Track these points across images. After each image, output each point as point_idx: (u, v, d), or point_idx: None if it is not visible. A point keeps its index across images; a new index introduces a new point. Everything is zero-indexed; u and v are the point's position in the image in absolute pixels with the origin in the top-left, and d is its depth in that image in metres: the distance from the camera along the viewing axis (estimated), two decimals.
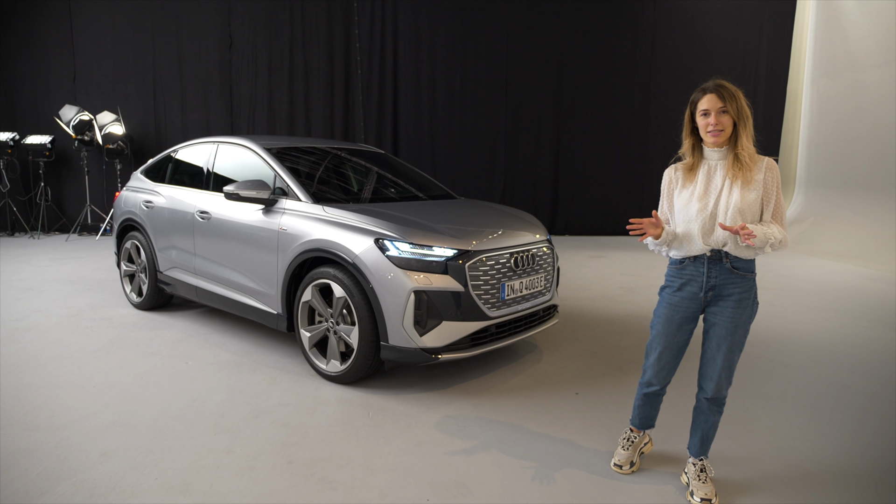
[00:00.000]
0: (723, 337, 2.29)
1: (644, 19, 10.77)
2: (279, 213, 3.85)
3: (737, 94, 2.17)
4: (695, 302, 2.32)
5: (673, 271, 2.38)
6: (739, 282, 2.25)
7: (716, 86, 2.20)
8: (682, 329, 2.37)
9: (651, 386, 2.50)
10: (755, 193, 2.19)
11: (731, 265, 2.24)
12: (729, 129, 2.19)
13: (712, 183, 2.25)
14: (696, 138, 2.30)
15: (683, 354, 2.44)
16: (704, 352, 2.39)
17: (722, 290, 2.26)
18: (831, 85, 10.65)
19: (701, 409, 2.46)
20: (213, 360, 3.95)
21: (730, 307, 2.26)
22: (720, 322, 2.29)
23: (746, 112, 2.18)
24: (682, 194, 2.31)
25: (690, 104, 2.28)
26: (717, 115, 2.17)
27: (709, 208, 2.22)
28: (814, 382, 3.79)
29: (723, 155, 2.25)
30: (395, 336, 3.26)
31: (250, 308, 4.09)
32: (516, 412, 3.22)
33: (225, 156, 4.56)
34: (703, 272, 2.27)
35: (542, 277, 3.83)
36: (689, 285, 2.32)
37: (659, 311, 2.41)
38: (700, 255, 2.27)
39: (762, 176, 2.20)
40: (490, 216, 4.09)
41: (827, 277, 7.44)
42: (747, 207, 2.18)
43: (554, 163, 11.02)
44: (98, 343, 4.28)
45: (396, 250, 3.29)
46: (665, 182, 2.41)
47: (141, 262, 5.11)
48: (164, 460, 2.64)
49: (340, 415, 3.14)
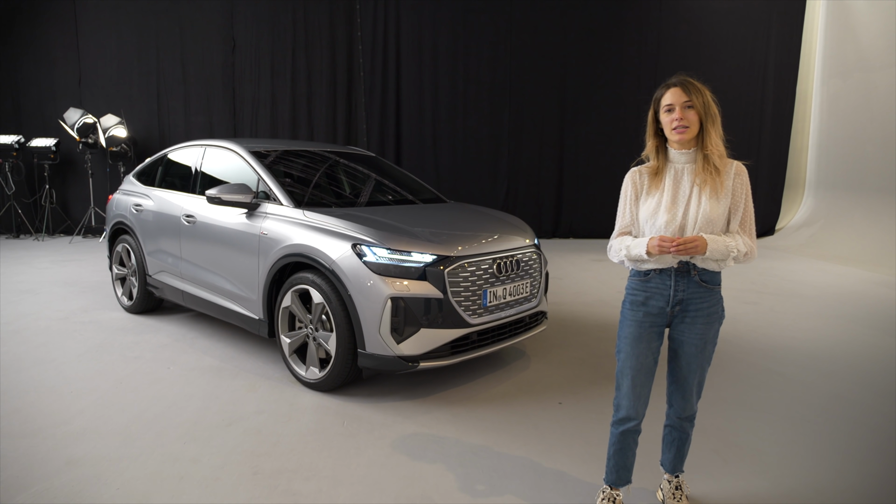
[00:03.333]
0: (693, 356, 2.14)
1: (650, 19, 10.62)
2: (261, 217, 3.81)
3: (703, 90, 2.04)
4: (661, 317, 2.14)
5: (636, 284, 2.18)
6: (707, 295, 2.11)
7: (680, 80, 2.06)
8: (651, 348, 2.16)
9: (628, 421, 2.19)
10: (725, 202, 2.05)
11: (699, 278, 2.09)
12: (695, 127, 2.04)
13: (680, 190, 2.09)
14: (662, 139, 2.15)
15: (653, 378, 2.20)
16: (673, 371, 2.23)
17: (689, 305, 2.11)
18: (842, 85, 10.45)
19: (673, 427, 2.32)
20: (196, 366, 3.91)
21: (699, 323, 2.11)
22: (689, 340, 2.14)
23: (714, 109, 2.04)
24: (648, 202, 2.13)
25: (654, 102, 2.13)
26: (682, 109, 2.02)
27: (678, 219, 2.05)
28: (807, 392, 3.67)
29: (690, 158, 2.09)
30: (373, 343, 3.19)
31: (233, 313, 4.05)
32: (495, 422, 3.14)
33: (212, 159, 4.53)
34: (671, 285, 2.10)
35: (528, 283, 3.74)
36: (654, 299, 2.14)
37: (625, 332, 2.19)
38: (667, 268, 2.10)
39: (731, 182, 2.06)
40: (475, 221, 4.02)
41: (833, 282, 7.27)
42: (717, 218, 2.03)
43: (558, 165, 10.90)
44: (84, 347, 4.26)
45: (374, 256, 3.23)
46: (628, 187, 2.21)
47: (131, 265, 5.10)
48: (129, 469, 2.60)
49: (315, 423, 3.08)
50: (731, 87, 10.64)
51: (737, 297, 6.25)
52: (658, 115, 2.12)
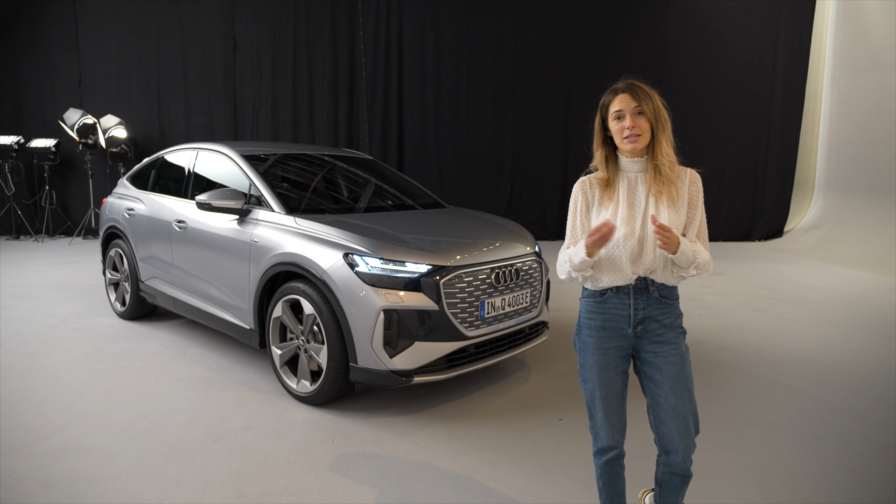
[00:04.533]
0: (674, 376, 1.92)
1: (656, 18, 10.44)
2: (252, 223, 3.69)
3: (652, 95, 1.90)
4: (624, 339, 1.98)
5: (592, 306, 2.01)
6: (669, 311, 1.96)
7: (628, 85, 1.92)
8: (618, 372, 1.99)
9: (610, 451, 2.03)
10: (682, 210, 1.93)
11: (658, 294, 1.94)
12: (647, 134, 1.91)
13: (636, 200, 1.94)
14: (610, 148, 2.00)
15: (625, 401, 2.03)
16: (658, 405, 1.95)
17: (651, 322, 1.95)
18: (852, 85, 10.25)
19: (674, 473, 1.97)
20: (186, 377, 3.80)
21: (668, 337, 1.94)
22: (664, 357, 1.93)
23: (664, 115, 1.91)
24: (602, 214, 1.98)
25: (601, 109, 1.99)
26: (632, 116, 1.89)
27: (636, 232, 1.91)
28: (819, 408, 3.52)
29: (643, 166, 1.96)
30: (365, 357, 3.07)
31: (224, 322, 3.94)
32: (492, 440, 3.02)
33: (204, 163, 4.42)
34: (629, 304, 1.95)
35: (528, 293, 3.61)
36: (613, 321, 1.97)
37: (588, 361, 2.01)
38: (624, 285, 1.95)
39: (685, 189, 1.94)
40: (474, 228, 3.89)
41: (844, 287, 7.09)
42: (677, 228, 1.91)
43: (562, 166, 10.74)
44: (73, 355, 4.16)
45: (366, 266, 3.10)
46: (577, 197, 2.05)
47: (124, 270, 5.00)
48: (107, 491, 2.49)
49: (304, 441, 2.96)
50: (739, 86, 10.45)
51: (744, 303, 6.09)
52: (606, 122, 1.98)
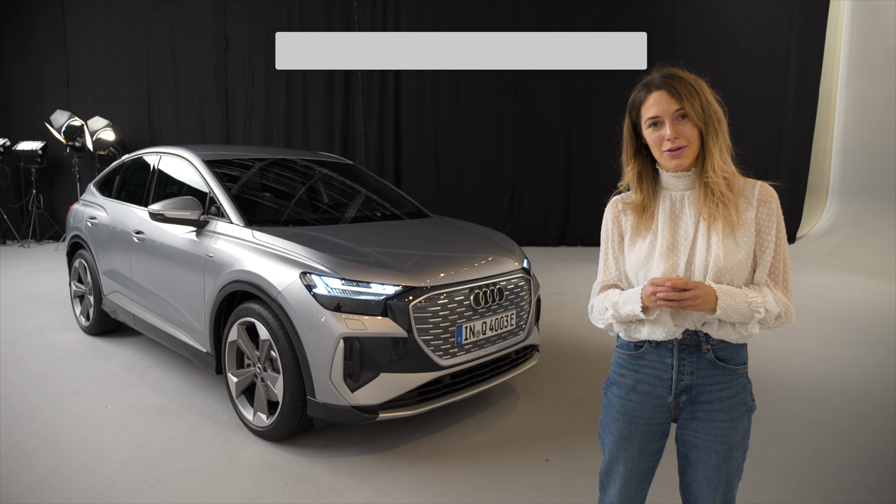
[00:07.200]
0: (714, 467, 1.49)
1: (663, 16, 10.02)
2: (210, 236, 3.34)
3: (698, 88, 1.42)
4: (661, 410, 1.52)
5: (624, 360, 1.56)
6: (728, 381, 1.47)
7: (664, 78, 1.43)
8: (646, 450, 1.55)
9: None
10: (746, 242, 1.42)
11: (713, 354, 1.46)
12: (695, 143, 1.42)
13: (681, 228, 1.46)
14: (645, 160, 1.53)
15: (652, 479, 1.63)
16: (688, 488, 1.58)
17: (701, 394, 1.47)
18: (869, 85, 9.81)
19: None
20: (137, 404, 3.46)
21: (718, 421, 1.47)
22: (706, 445, 1.49)
23: (717, 113, 1.42)
24: (638, 246, 1.51)
25: (629, 109, 1.51)
26: (673, 123, 1.41)
27: (679, 269, 1.43)
28: (845, 448, 3.11)
29: (690, 182, 1.47)
30: (323, 391, 2.71)
31: (181, 343, 3.59)
32: (466, 486, 2.64)
33: (166, 168, 4.08)
34: (673, 364, 1.48)
35: (513, 315, 3.23)
36: (648, 384, 1.51)
37: (609, 425, 1.59)
38: (667, 340, 1.48)
39: (753, 213, 1.43)
40: (454, 241, 3.52)
41: (862, 299, 6.65)
42: (736, 266, 1.40)
43: (565, 169, 10.35)
44: (23, 377, 3.83)
45: (325, 287, 2.74)
46: (608, 223, 1.61)
47: (88, 282, 4.67)
48: None
49: (252, 487, 2.60)
50: (751, 86, 10.01)
51: None
52: (637, 127, 1.51)
